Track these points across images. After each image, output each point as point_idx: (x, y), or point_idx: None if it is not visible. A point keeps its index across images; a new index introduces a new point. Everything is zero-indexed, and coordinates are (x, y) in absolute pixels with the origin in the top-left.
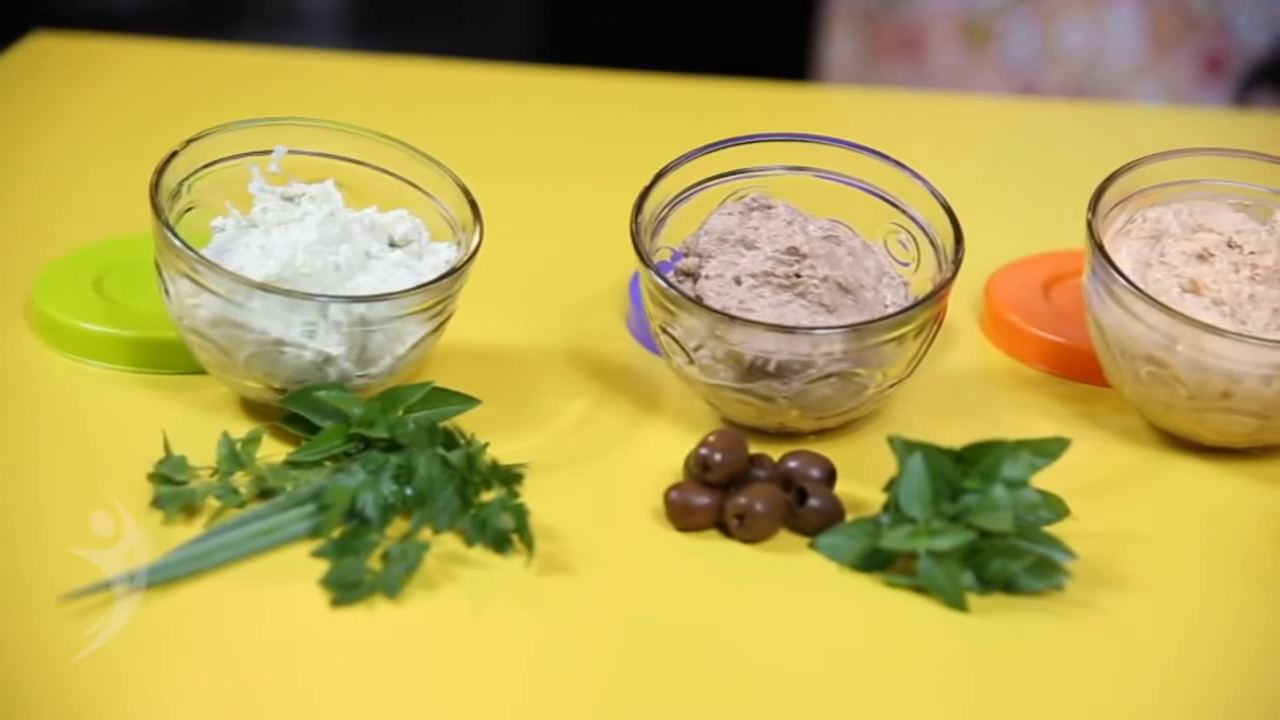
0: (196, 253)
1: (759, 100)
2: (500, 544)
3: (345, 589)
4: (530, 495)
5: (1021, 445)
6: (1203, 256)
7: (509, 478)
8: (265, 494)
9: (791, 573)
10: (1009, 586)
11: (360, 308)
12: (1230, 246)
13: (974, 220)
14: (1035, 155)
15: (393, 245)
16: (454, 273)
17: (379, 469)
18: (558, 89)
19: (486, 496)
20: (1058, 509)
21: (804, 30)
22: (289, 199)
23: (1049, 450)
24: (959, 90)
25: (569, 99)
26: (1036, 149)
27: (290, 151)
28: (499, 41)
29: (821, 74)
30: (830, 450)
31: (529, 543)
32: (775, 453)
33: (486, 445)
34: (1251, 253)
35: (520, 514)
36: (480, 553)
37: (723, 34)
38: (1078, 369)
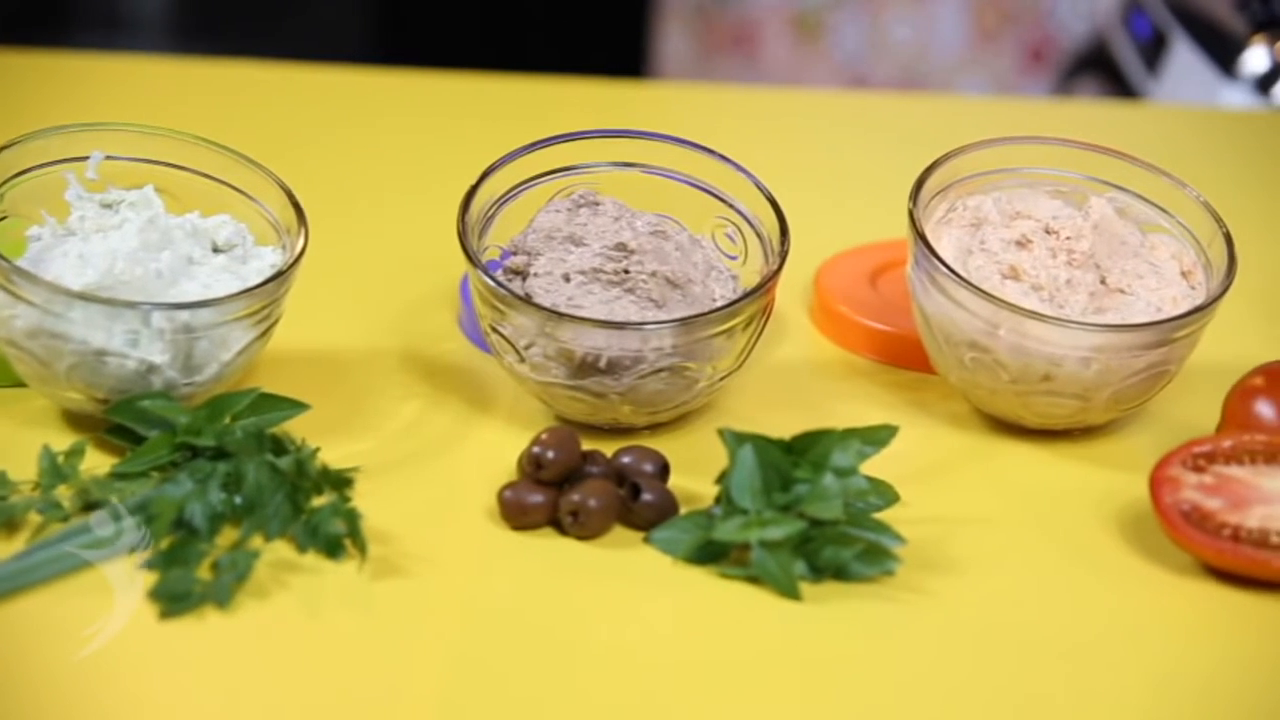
0: (11, 263)
1: (592, 97)
2: (332, 549)
3: (174, 600)
4: (363, 499)
5: (850, 434)
6: (1021, 243)
7: (340, 482)
8: (90, 507)
9: (626, 568)
10: (841, 574)
11: (184, 314)
12: (1048, 232)
13: (804, 212)
14: (865, 147)
15: (216, 250)
16: (279, 276)
17: (206, 478)
18: (387, 89)
19: (318, 502)
20: (887, 495)
21: (639, 27)
22: (107, 206)
23: (877, 438)
24: (791, 84)
25: (398, 99)
26: (866, 141)
27: (107, 157)
28: (331, 42)
29: (657, 70)
30: (663, 444)
31: (361, 547)
32: (608, 449)
33: (317, 450)
34: (1068, 238)
35: (352, 518)
36: (313, 559)
37: (558, 32)
38: (905, 357)
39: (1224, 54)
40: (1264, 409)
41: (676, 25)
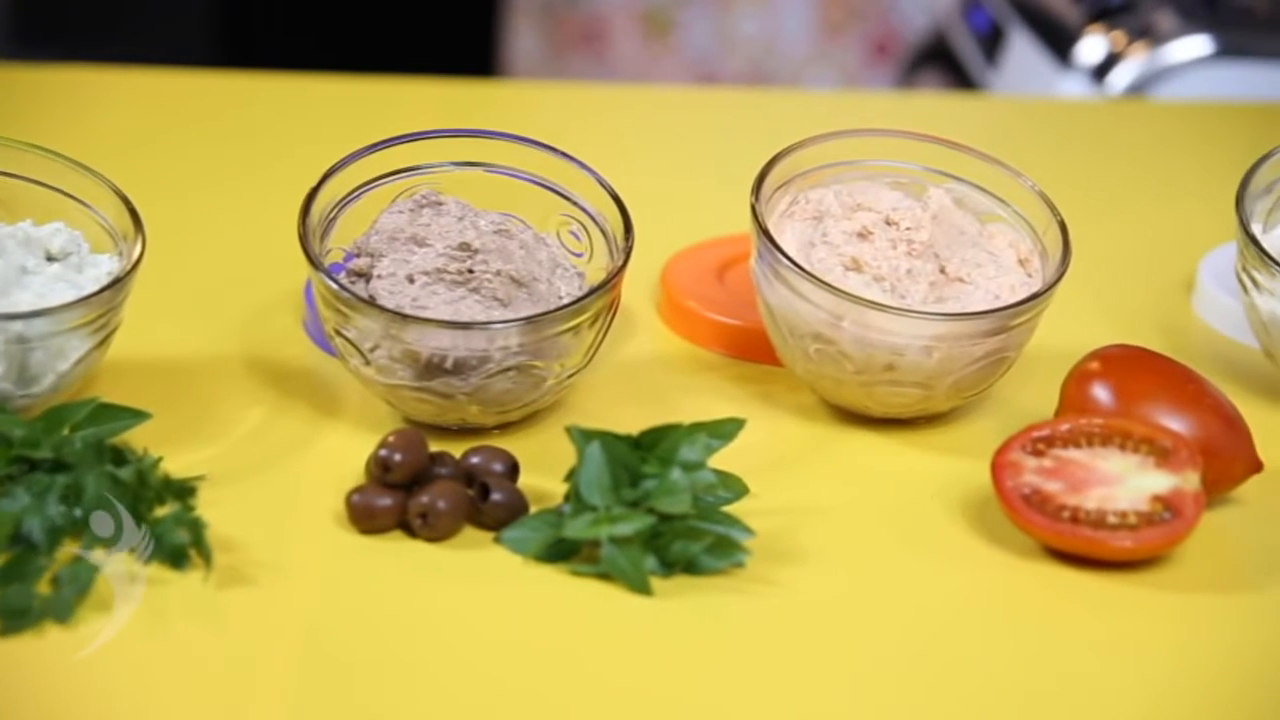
0: None
1: (441, 97)
2: (176, 559)
3: (12, 617)
4: (208, 507)
5: (698, 428)
6: (863, 234)
7: (183, 491)
8: None
9: (477, 568)
10: (691, 567)
11: (17, 325)
12: (888, 224)
13: (653, 208)
14: (714, 142)
15: (50, 259)
16: (116, 284)
17: (44, 490)
18: (227, 92)
19: (161, 512)
20: (736, 488)
21: (488, 26)
22: None
23: (724, 431)
24: (642, 80)
25: (240, 102)
26: (715, 136)
27: None
28: (170, 46)
29: (508, 69)
30: (513, 444)
31: (206, 556)
32: (457, 449)
33: (160, 460)
34: (908, 229)
35: (196, 527)
36: (156, 570)
37: (406, 32)
38: (752, 350)
39: (1060, 44)
40: (1100, 392)
41: (526, 24)
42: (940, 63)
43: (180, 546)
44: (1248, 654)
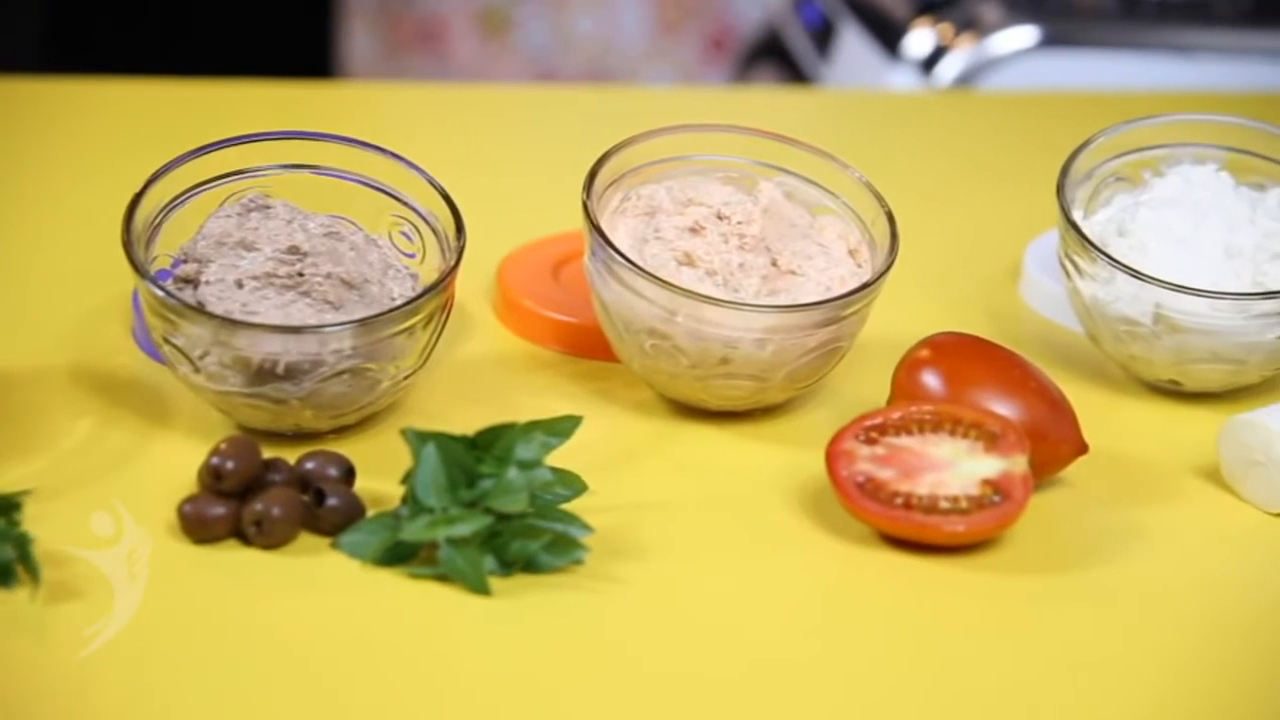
0: None
1: (274, 99)
2: (2, 577)
3: None
4: (35, 523)
5: (534, 426)
6: (695, 229)
7: (7, 506)
8: None
9: (314, 575)
10: (530, 566)
11: None
12: (720, 218)
13: (489, 207)
14: (553, 140)
15: None
16: None
17: None
18: (51, 97)
19: None
20: (574, 485)
21: (323, 26)
22: None
23: (560, 429)
24: (480, 79)
25: (67, 107)
26: (554, 134)
27: None
28: (5, 53)
29: (344, 70)
30: (350, 447)
31: (33, 572)
32: (292, 455)
33: None
34: (739, 223)
35: (22, 542)
36: None
37: (241, 34)
38: (589, 347)
39: (889, 38)
40: (930, 380)
41: (361, 23)
42: (774, 57)
43: (6, 563)
44: (1076, 631)
